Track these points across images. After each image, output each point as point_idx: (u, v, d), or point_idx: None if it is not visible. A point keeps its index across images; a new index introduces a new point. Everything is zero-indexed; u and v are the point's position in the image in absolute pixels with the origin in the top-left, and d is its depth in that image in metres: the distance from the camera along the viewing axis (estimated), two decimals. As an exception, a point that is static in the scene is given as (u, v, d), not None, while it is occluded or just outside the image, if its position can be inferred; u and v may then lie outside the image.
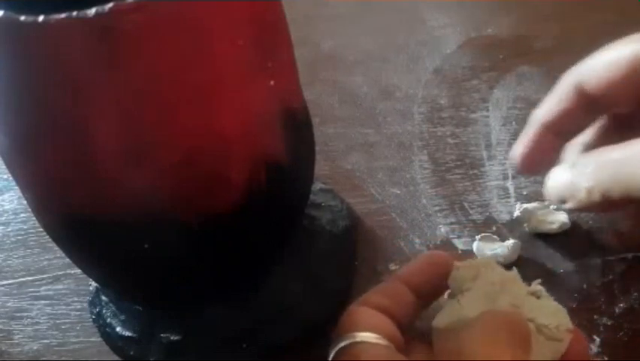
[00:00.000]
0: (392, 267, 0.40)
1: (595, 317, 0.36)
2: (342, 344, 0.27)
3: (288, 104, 0.32)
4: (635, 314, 0.36)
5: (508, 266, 0.38)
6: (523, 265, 0.38)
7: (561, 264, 0.38)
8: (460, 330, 0.27)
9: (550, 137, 0.33)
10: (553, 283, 0.37)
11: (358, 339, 0.27)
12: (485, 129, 0.48)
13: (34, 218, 0.34)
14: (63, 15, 0.24)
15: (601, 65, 0.30)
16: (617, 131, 0.32)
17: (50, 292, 0.42)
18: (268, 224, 0.34)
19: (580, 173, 0.30)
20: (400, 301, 0.30)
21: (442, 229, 0.42)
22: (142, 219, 0.30)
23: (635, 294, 0.36)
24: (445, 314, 0.29)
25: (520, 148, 0.35)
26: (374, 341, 0.27)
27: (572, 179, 0.30)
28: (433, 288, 0.30)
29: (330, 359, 0.28)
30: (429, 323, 0.29)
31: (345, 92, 0.54)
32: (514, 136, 0.47)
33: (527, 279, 0.30)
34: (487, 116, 0.49)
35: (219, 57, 0.28)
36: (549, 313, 0.28)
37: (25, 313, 0.41)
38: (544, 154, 0.34)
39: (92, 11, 0.24)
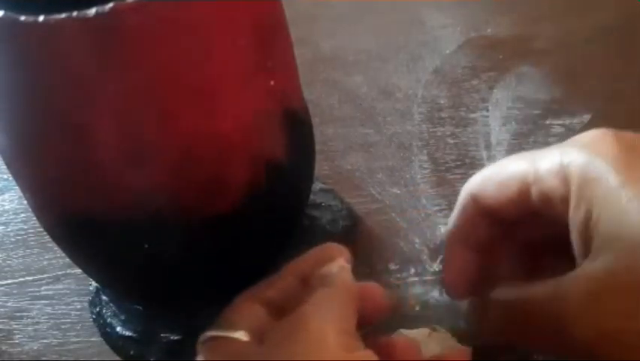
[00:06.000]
0: (392, 267, 0.40)
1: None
2: (208, 334, 0.28)
3: (288, 104, 0.32)
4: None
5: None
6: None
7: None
8: None
9: (465, 251, 0.33)
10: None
11: (221, 333, 0.28)
12: (485, 129, 0.48)
13: (34, 218, 0.34)
14: (63, 15, 0.24)
15: (495, 180, 0.32)
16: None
17: (50, 292, 0.42)
18: (268, 224, 0.34)
19: None
20: (289, 294, 0.30)
21: (442, 229, 0.42)
22: (142, 220, 0.30)
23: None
24: None
25: (445, 273, 0.35)
26: (236, 336, 0.28)
27: None
28: (320, 277, 0.30)
29: (198, 344, 0.29)
30: None
31: (345, 92, 0.53)
32: (514, 136, 0.47)
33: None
34: (487, 116, 0.49)
35: (219, 57, 0.28)
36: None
37: (25, 313, 0.41)
38: (468, 270, 0.33)
39: (92, 11, 0.24)
